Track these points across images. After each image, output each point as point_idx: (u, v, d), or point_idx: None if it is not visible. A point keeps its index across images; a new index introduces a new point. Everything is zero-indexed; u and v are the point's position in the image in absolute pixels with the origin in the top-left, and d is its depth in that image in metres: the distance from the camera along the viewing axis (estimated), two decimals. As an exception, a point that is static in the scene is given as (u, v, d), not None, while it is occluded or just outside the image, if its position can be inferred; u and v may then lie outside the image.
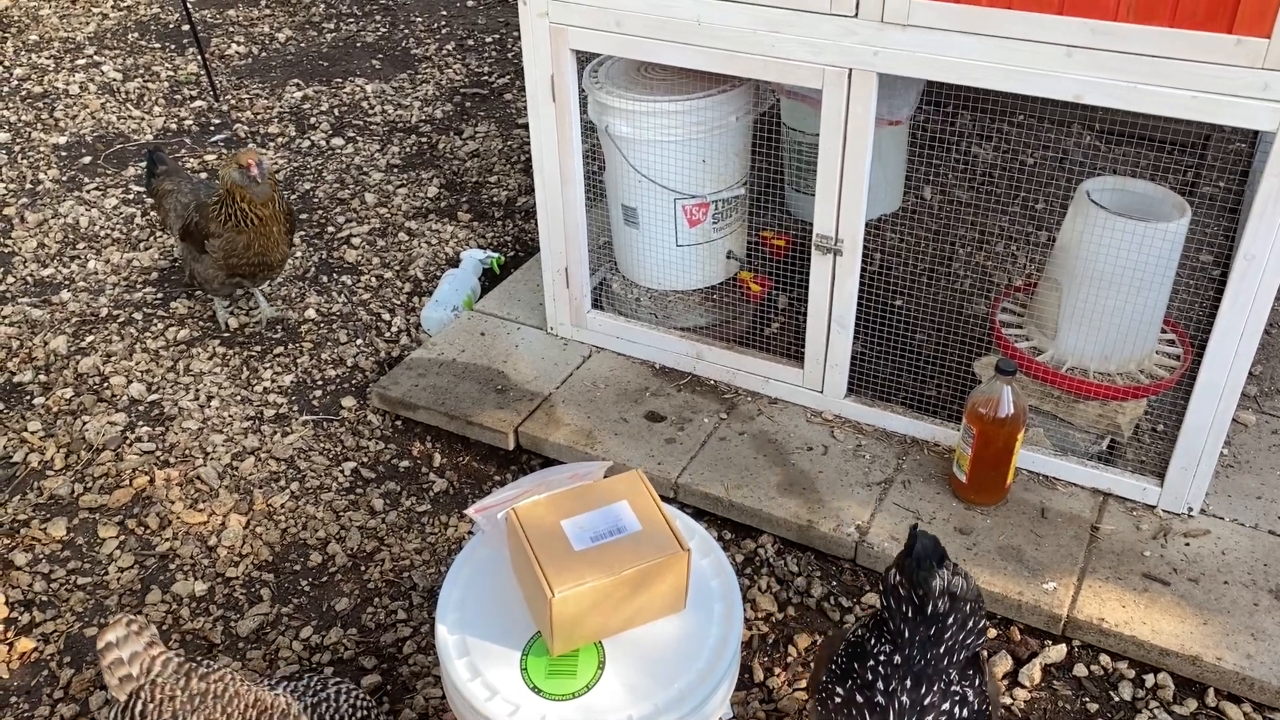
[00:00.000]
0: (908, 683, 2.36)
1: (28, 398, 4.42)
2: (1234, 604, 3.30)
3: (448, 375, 4.34)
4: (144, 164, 5.26)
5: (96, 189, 5.96)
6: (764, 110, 4.19)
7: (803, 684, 3.25)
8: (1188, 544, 3.50)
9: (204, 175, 6.05)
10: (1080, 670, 3.26)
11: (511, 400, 4.20)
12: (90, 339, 4.74)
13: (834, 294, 3.77)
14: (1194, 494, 3.54)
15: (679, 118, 3.92)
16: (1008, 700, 3.19)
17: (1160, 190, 3.56)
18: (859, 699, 2.39)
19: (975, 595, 2.45)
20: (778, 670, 3.30)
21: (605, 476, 2.55)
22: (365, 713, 2.71)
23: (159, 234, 5.52)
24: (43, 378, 4.52)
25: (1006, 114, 3.65)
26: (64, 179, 6.06)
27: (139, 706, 2.55)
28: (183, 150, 6.37)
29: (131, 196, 5.88)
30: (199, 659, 2.68)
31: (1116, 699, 3.19)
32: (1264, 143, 3.11)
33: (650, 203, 4.13)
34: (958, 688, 2.38)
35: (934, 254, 4.08)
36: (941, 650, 2.38)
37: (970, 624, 2.42)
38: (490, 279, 5.11)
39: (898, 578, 2.41)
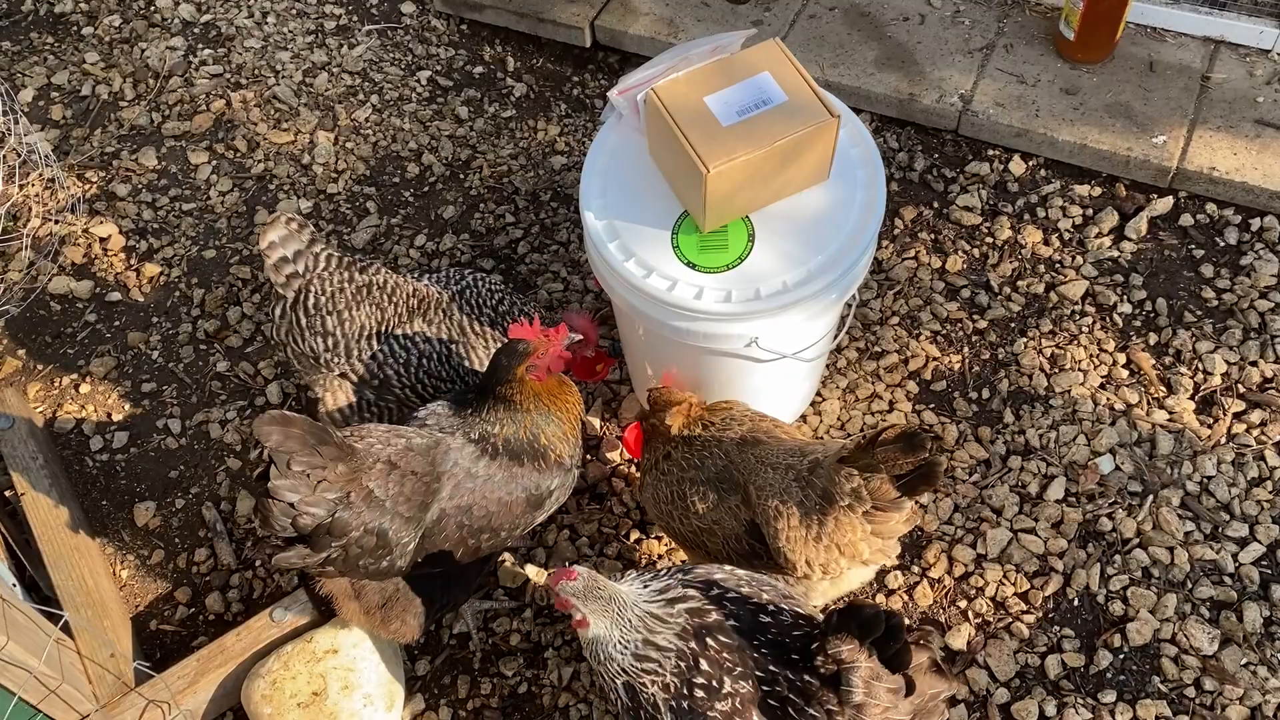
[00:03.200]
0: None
1: (74, 28, 4.22)
2: (1348, 143, 3.27)
3: (509, -31, 4.08)
4: None
5: None
6: None
7: (910, 254, 3.33)
8: (1302, 87, 3.42)
9: None
10: (1186, 220, 3.31)
11: (582, -9, 3.98)
12: (121, -40, 4.44)
13: None
14: (1315, 33, 3.40)
15: None
16: (1114, 253, 3.27)
17: None
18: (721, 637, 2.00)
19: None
20: (884, 242, 3.37)
21: (743, 47, 2.45)
22: (501, 294, 2.81)
23: None
24: (84, 5, 4.29)
25: None
26: None
27: (310, 300, 2.64)
28: None
29: None
30: (354, 255, 2.74)
31: (1222, 244, 3.26)
32: None
33: None
34: None
35: None
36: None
37: None
38: None
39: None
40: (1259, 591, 2.68)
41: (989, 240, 3.33)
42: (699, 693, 1.93)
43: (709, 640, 1.96)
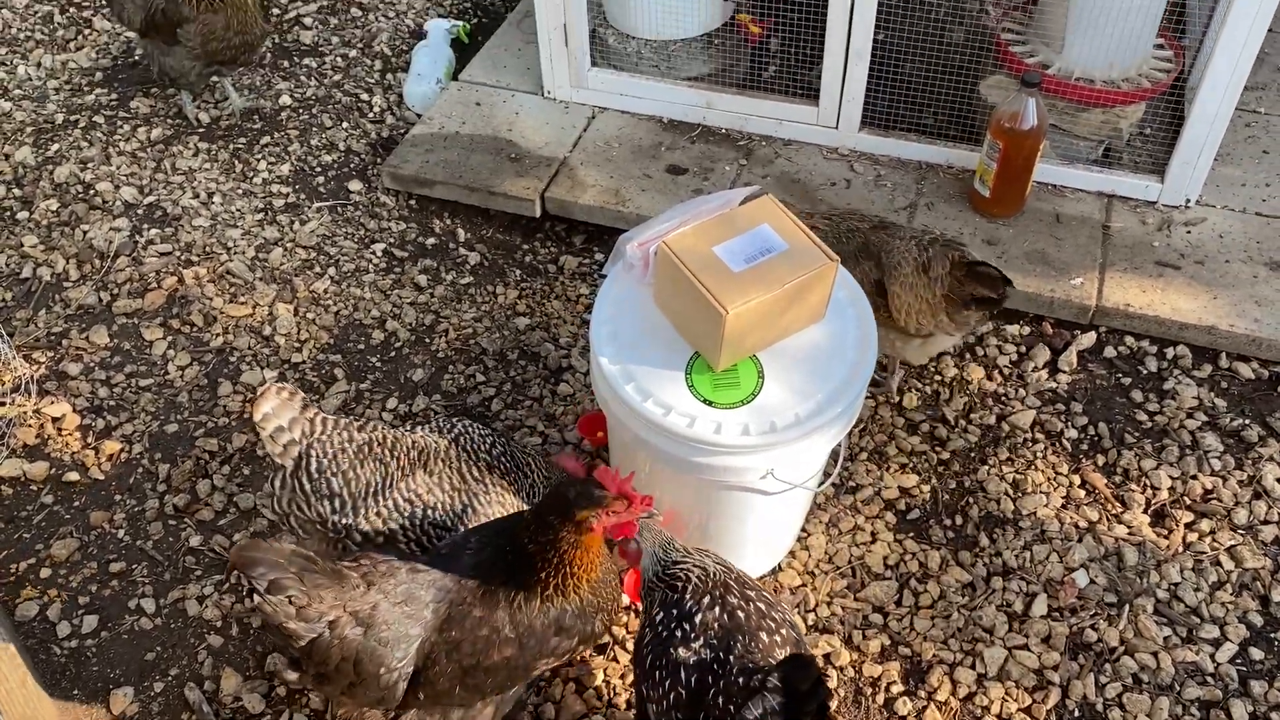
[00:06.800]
0: None
1: (8, 213, 4.18)
2: (1237, 279, 3.68)
3: (456, 149, 4.28)
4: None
5: (-4, -12, 5.42)
6: None
7: (868, 394, 3.52)
8: (1189, 231, 3.84)
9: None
10: (1110, 352, 3.63)
11: (529, 168, 4.19)
12: (56, 147, 4.46)
13: (853, 24, 3.83)
14: (1192, 185, 3.86)
15: None
16: (1052, 385, 3.54)
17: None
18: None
19: None
20: (842, 385, 3.56)
21: (741, 203, 2.65)
22: (493, 438, 2.86)
23: (87, 31, 5.12)
24: (17, 191, 4.27)
25: None
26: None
27: (312, 465, 2.62)
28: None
29: (40, -7, 5.38)
30: (347, 414, 2.75)
31: (1145, 371, 3.58)
32: None
33: (651, -53, 4.04)
34: None
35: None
36: None
37: None
38: (460, 48, 4.96)
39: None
40: (1240, 689, 2.84)
41: (938, 378, 3.57)
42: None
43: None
